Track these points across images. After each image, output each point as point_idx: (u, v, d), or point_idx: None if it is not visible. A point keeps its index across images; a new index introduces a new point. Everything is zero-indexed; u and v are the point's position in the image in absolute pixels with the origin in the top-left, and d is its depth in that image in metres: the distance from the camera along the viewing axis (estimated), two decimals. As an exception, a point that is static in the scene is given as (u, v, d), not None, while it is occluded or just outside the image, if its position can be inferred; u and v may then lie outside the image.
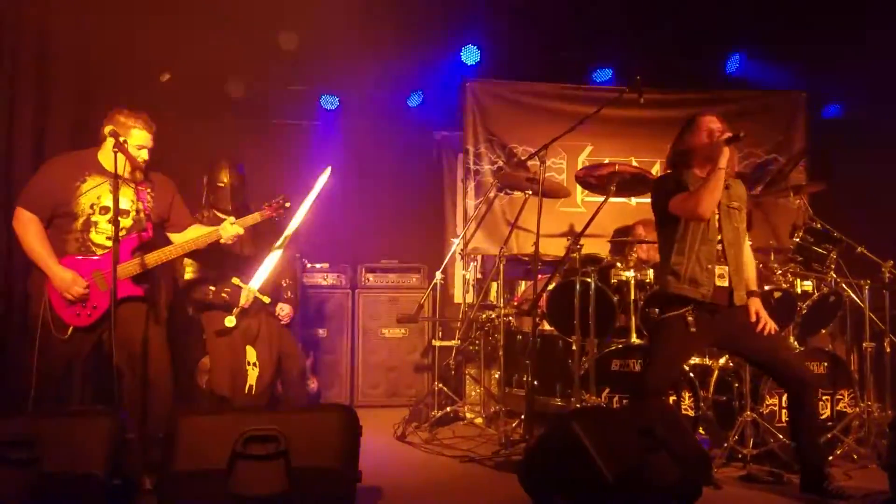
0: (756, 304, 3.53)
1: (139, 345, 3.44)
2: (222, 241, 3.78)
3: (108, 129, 3.39)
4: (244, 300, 4.19)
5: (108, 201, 3.42)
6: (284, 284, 4.53)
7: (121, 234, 3.43)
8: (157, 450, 2.88)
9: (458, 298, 6.09)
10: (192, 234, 3.75)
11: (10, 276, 3.98)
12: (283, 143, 6.18)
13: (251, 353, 4.29)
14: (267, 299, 4.26)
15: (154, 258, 3.56)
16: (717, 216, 3.43)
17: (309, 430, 2.76)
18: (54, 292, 3.35)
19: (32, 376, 3.26)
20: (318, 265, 5.96)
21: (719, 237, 3.43)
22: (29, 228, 3.37)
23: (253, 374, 4.26)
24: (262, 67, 5.83)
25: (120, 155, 3.24)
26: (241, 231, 3.82)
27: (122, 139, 3.30)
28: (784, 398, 4.05)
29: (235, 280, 4.21)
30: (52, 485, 2.56)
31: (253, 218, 3.91)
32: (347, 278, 6.01)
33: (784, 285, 4.28)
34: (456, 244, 5.47)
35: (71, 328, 3.35)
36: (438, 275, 5.22)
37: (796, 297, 4.30)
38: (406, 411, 5.00)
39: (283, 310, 4.46)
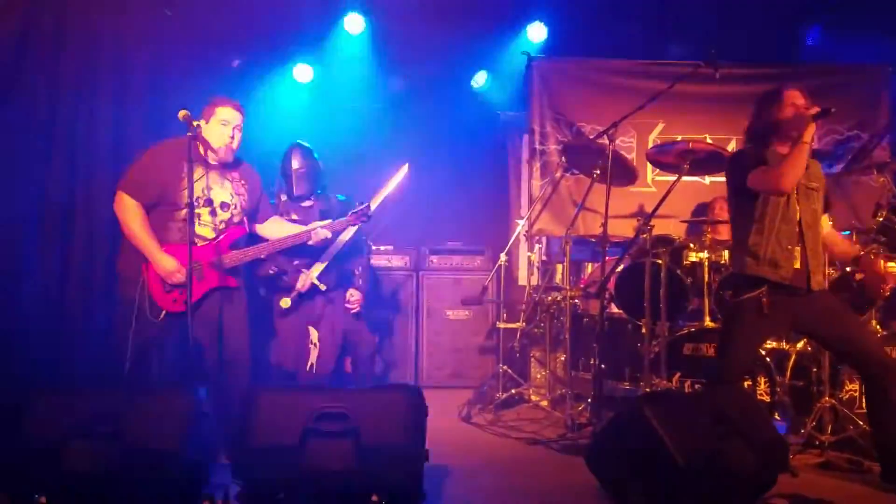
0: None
1: (224, 329, 3.54)
2: (310, 242, 3.88)
3: (189, 117, 3.34)
4: (300, 284, 4.30)
5: (212, 194, 3.53)
6: (357, 273, 4.59)
7: (220, 226, 3.55)
8: (232, 426, 2.97)
9: (522, 280, 6.06)
10: (278, 229, 3.85)
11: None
12: (350, 126, 6.22)
13: (313, 334, 4.40)
14: (323, 286, 4.34)
15: (252, 252, 3.65)
16: (794, 196, 3.29)
17: (377, 409, 2.78)
18: (154, 278, 3.41)
19: (128, 354, 3.35)
20: (382, 247, 6.00)
21: (798, 218, 3.30)
22: (131, 214, 3.41)
23: (314, 354, 4.38)
24: (329, 51, 5.88)
25: (213, 143, 3.36)
26: (328, 235, 3.91)
27: (196, 123, 3.32)
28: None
29: (298, 264, 4.32)
30: (133, 459, 2.64)
31: (340, 224, 3.97)
32: (412, 260, 6.04)
33: (867, 267, 4.09)
34: (521, 226, 5.43)
35: (164, 312, 3.43)
36: (503, 256, 5.20)
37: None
38: (471, 393, 5.01)
39: (354, 296, 4.51)
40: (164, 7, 4.56)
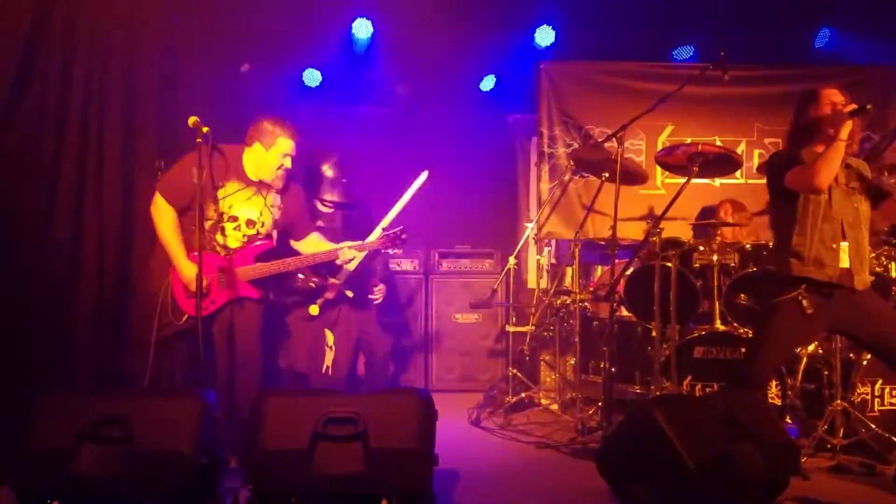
0: None
1: (251, 342, 3.60)
2: (338, 261, 3.92)
3: (198, 124, 3.34)
4: (330, 291, 4.32)
5: (238, 211, 3.59)
6: (379, 268, 4.67)
7: (243, 240, 3.59)
8: (242, 430, 2.98)
9: (531, 284, 6.05)
10: (313, 247, 3.89)
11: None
12: (360, 129, 6.23)
13: (329, 337, 4.40)
14: (350, 293, 4.38)
15: (275, 267, 3.67)
16: (836, 195, 3.25)
17: (387, 413, 2.78)
18: (177, 279, 3.50)
19: (150, 353, 3.41)
20: (391, 251, 5.98)
21: (840, 217, 3.26)
22: (164, 215, 3.50)
23: (329, 356, 4.38)
24: (337, 55, 5.90)
25: (264, 169, 3.51)
26: (357, 255, 3.96)
27: (198, 139, 3.33)
28: (877, 387, 3.87)
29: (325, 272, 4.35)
30: (144, 462, 2.66)
31: (370, 245, 4.00)
32: (421, 263, 6.04)
33: (878, 269, 4.06)
34: (530, 229, 5.43)
35: (186, 316, 3.50)
36: (512, 260, 5.19)
37: (891, 281, 4.09)
38: (480, 396, 5.01)
39: (380, 288, 4.56)
40: (173, 14, 4.58)
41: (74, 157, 3.91)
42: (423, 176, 4.43)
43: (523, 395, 4.96)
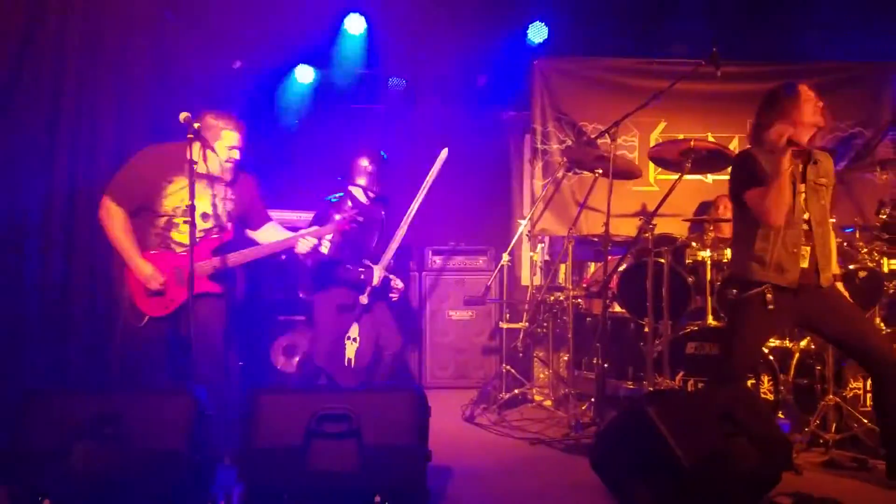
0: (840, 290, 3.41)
1: (213, 338, 3.55)
2: (297, 250, 3.85)
3: (189, 119, 3.35)
4: (376, 280, 4.41)
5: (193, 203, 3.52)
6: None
7: (199, 234, 3.53)
8: (234, 426, 2.97)
9: (525, 280, 6.05)
10: (272, 236, 3.83)
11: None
12: (354, 126, 6.22)
13: (354, 329, 4.46)
14: (393, 277, 4.52)
15: (233, 259, 3.64)
16: (803, 195, 3.29)
17: (380, 410, 2.79)
18: (135, 282, 3.45)
19: (115, 359, 3.39)
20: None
21: (806, 216, 3.29)
22: (115, 219, 3.45)
23: (352, 349, 4.43)
24: (331, 53, 5.89)
25: (211, 160, 3.42)
26: (315, 242, 3.88)
27: (196, 125, 3.33)
28: (868, 382, 3.88)
29: (368, 262, 4.47)
30: (138, 460, 2.65)
31: (327, 230, 3.96)
32: (415, 261, 6.04)
33: (870, 264, 4.09)
34: (523, 225, 5.43)
35: (147, 317, 3.46)
36: (505, 256, 5.19)
37: (883, 276, 4.10)
38: (474, 393, 5.00)
39: (398, 284, 4.61)
40: (166, 11, 4.57)
41: (66, 153, 3.91)
42: (444, 154, 4.53)
43: (517, 391, 4.96)
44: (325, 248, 3.97)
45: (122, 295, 3.46)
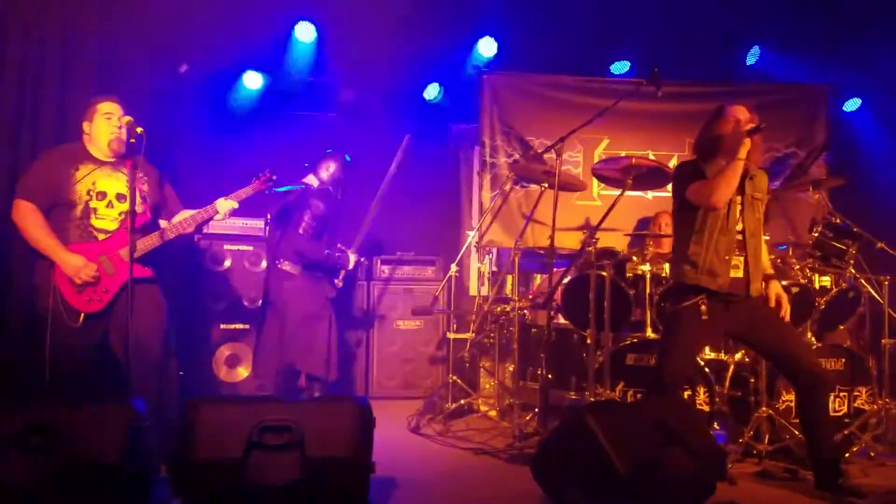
0: (776, 287, 3.52)
1: (150, 331, 3.45)
2: (218, 217, 3.78)
3: (132, 123, 3.37)
4: (351, 264, 4.61)
5: (103, 186, 3.50)
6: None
7: (119, 217, 3.50)
8: (172, 437, 2.92)
9: (473, 291, 6.09)
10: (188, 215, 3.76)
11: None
12: (303, 134, 6.17)
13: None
14: (364, 260, 4.75)
15: (157, 239, 3.58)
16: (739, 207, 3.40)
17: (323, 421, 2.77)
18: (63, 281, 3.36)
19: (45, 370, 3.27)
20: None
21: (740, 227, 3.40)
22: (30, 218, 3.40)
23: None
24: (280, 60, 5.86)
25: (101, 139, 3.45)
26: (235, 205, 3.81)
27: (131, 139, 3.29)
28: (800, 394, 4.02)
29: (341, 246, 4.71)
30: (70, 472, 2.58)
31: (245, 192, 3.89)
32: (363, 269, 6.01)
33: (802, 280, 4.23)
34: (471, 237, 5.47)
35: (83, 315, 3.38)
36: (454, 267, 5.22)
37: (814, 292, 4.25)
38: (420, 403, 5.01)
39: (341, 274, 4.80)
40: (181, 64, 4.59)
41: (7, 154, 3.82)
42: (406, 139, 4.76)
43: (463, 401, 4.99)
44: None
45: (50, 299, 3.34)
